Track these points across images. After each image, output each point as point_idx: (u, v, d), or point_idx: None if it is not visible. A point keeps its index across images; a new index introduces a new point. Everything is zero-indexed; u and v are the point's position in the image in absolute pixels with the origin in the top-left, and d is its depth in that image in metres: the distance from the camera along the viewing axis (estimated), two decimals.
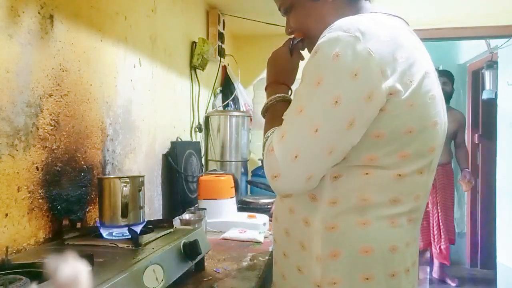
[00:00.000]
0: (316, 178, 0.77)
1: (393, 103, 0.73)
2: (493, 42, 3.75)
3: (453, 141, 3.59)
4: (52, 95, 1.03)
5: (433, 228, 3.52)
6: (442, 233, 3.56)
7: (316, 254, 0.80)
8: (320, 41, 0.75)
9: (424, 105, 0.76)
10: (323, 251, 0.79)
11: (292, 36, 0.98)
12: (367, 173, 0.77)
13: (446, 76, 3.50)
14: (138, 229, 0.98)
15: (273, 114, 0.90)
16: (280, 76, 0.98)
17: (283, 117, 0.80)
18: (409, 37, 0.79)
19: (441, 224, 3.55)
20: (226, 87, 2.68)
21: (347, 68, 0.71)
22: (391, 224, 0.78)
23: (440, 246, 3.55)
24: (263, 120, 0.94)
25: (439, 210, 3.53)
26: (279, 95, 0.92)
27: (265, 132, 0.88)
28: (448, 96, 3.43)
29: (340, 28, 0.73)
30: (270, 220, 1.60)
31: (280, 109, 0.88)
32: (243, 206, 1.88)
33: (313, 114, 0.74)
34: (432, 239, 3.50)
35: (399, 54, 0.73)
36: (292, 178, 0.76)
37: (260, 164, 2.47)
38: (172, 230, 1.08)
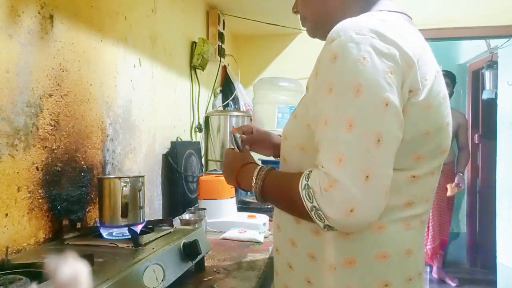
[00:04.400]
0: (388, 191, 0.68)
1: (412, 105, 0.70)
2: (493, 42, 3.75)
3: (455, 143, 3.59)
4: (52, 95, 1.03)
5: None
6: (429, 234, 3.55)
7: (329, 263, 0.76)
8: (333, 45, 0.69)
9: (439, 105, 0.74)
10: (337, 259, 0.75)
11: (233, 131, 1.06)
12: None
13: (449, 78, 3.47)
14: (138, 229, 0.99)
15: (277, 181, 0.81)
16: (242, 161, 0.93)
17: (323, 141, 0.69)
18: (417, 36, 0.77)
19: (430, 225, 3.54)
20: (226, 87, 2.67)
21: (380, 68, 0.66)
22: (406, 227, 0.76)
23: (426, 247, 3.55)
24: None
25: (431, 210, 3.52)
26: (261, 166, 0.86)
27: (283, 201, 0.79)
28: None
29: (352, 30, 0.68)
30: (270, 220, 1.60)
31: (277, 175, 0.82)
32: (243, 206, 1.88)
33: (369, 124, 0.65)
34: None
35: (412, 52, 0.70)
36: (371, 202, 0.65)
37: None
38: (172, 230, 1.08)
